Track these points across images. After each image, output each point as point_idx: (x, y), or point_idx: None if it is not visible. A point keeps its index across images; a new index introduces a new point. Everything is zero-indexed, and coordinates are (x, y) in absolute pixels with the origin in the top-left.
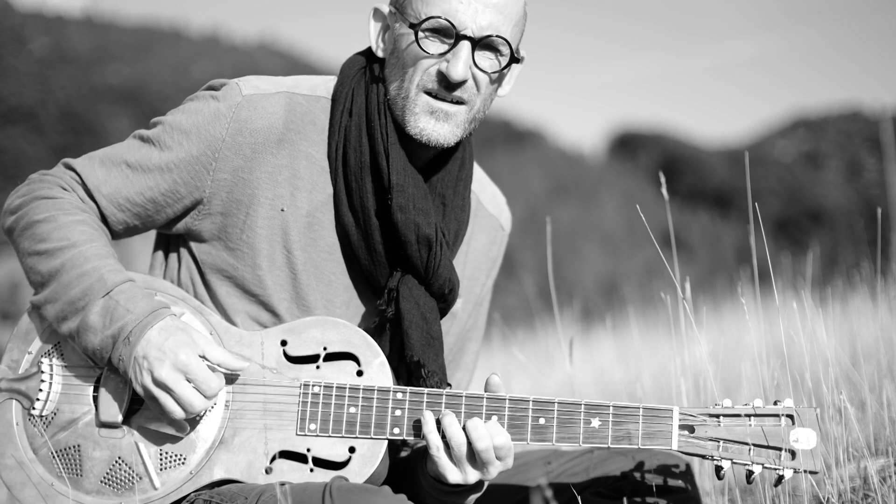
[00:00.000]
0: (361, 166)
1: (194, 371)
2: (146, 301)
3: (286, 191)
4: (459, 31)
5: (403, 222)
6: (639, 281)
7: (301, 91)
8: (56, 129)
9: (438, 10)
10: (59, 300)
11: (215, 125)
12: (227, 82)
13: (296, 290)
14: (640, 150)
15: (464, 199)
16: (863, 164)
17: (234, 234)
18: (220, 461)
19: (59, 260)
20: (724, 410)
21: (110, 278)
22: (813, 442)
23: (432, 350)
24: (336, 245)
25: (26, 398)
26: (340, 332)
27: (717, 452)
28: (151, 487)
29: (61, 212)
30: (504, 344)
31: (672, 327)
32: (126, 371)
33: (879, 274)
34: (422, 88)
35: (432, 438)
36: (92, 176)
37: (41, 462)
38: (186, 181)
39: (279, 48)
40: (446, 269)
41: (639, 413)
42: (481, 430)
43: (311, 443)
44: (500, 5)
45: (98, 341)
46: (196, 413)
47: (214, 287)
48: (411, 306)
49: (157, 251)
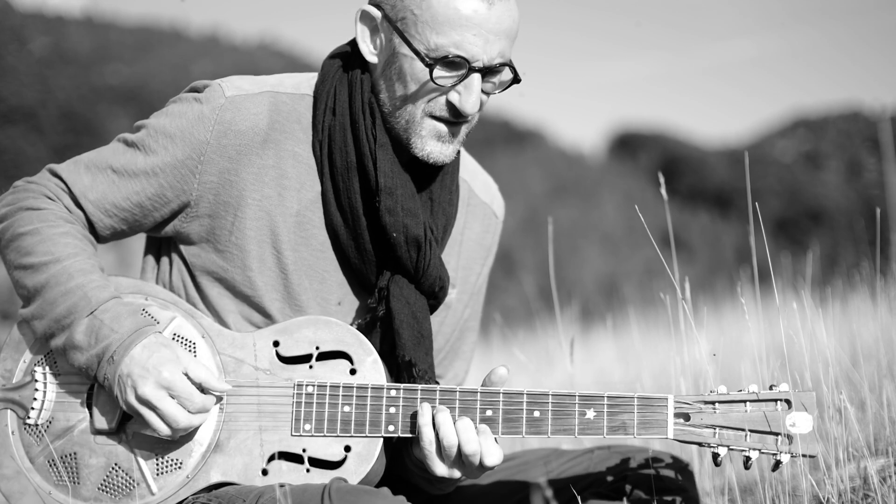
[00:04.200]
0: (348, 167)
1: (178, 387)
2: (131, 319)
3: (273, 191)
4: (472, 63)
5: (392, 224)
6: (639, 281)
7: (285, 90)
8: (56, 129)
9: (450, 42)
10: (45, 317)
11: (199, 128)
12: (209, 84)
13: (287, 291)
14: (640, 150)
15: (451, 193)
16: (863, 164)
17: (223, 235)
18: (217, 464)
19: (44, 275)
20: (719, 397)
21: (94, 296)
22: (810, 426)
23: (422, 348)
24: (328, 242)
25: (21, 407)
26: (333, 331)
27: (714, 440)
28: (149, 493)
29: (45, 224)
30: (504, 344)
31: (672, 327)
32: (111, 388)
33: (879, 274)
34: (428, 114)
35: (426, 432)
36: (78, 183)
37: (38, 471)
38: (173, 185)
39: (279, 48)
40: (436, 267)
41: (633, 402)
42: (471, 434)
43: (307, 443)
44: (508, 31)
45: (84, 359)
46: (181, 429)
47: (206, 289)
48: (402, 305)
49: (147, 255)
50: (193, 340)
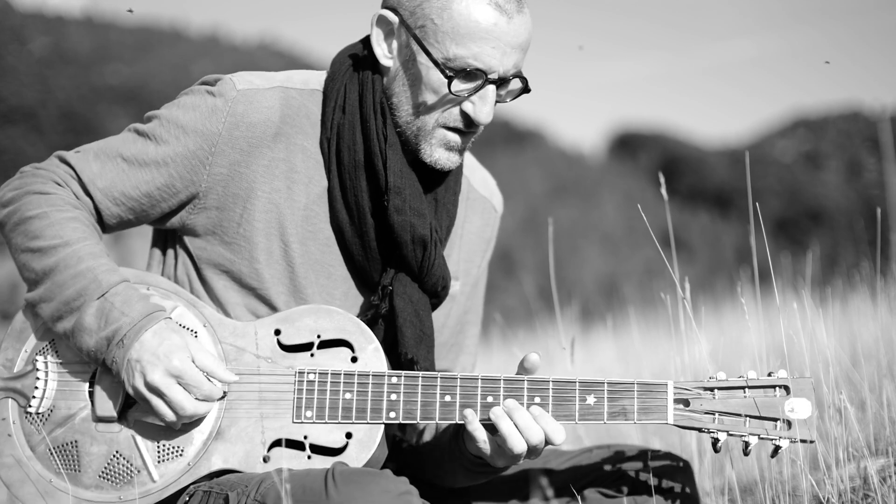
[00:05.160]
0: (355, 165)
1: (188, 376)
2: (142, 304)
3: (283, 184)
4: (488, 75)
5: (400, 224)
6: (639, 281)
7: (294, 85)
8: (56, 129)
9: (469, 53)
10: (53, 299)
11: (212, 120)
12: (221, 77)
13: (293, 283)
14: (640, 150)
15: (455, 195)
16: (863, 165)
17: (231, 228)
18: (218, 451)
19: (53, 258)
20: (718, 383)
21: (105, 279)
22: (808, 411)
23: (424, 346)
24: (333, 238)
25: (22, 396)
26: (334, 320)
27: (713, 425)
28: (150, 480)
29: (54, 208)
30: (504, 344)
31: (672, 327)
32: (119, 373)
33: (879, 274)
34: (441, 124)
35: (479, 435)
36: (87, 170)
37: (39, 459)
38: (182, 175)
39: (279, 48)
40: (440, 267)
41: (633, 388)
42: (530, 422)
43: (308, 430)
44: (524, 44)
45: (93, 342)
46: (187, 416)
47: (211, 282)
48: (405, 303)
49: (153, 248)
50: (195, 329)
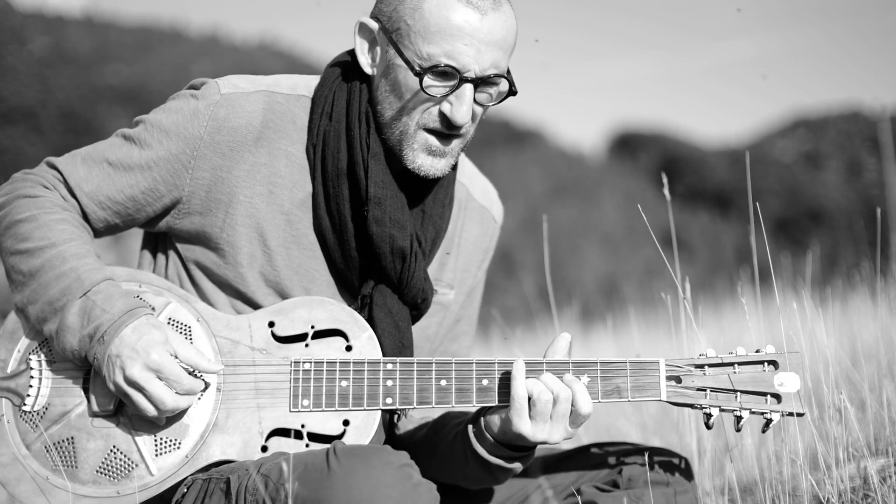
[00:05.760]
0: (338, 173)
1: (166, 370)
2: (123, 300)
3: (265, 188)
4: (463, 73)
5: (378, 235)
6: (639, 281)
7: (281, 90)
8: (56, 129)
9: (440, 51)
10: (38, 301)
11: (193, 123)
12: (207, 81)
13: (278, 288)
14: (641, 150)
15: (443, 207)
16: (863, 165)
17: (215, 233)
18: (216, 443)
19: (39, 260)
20: (708, 360)
21: (87, 278)
22: (797, 385)
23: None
24: (317, 243)
25: (16, 395)
26: (327, 310)
27: (706, 401)
28: (148, 473)
29: (43, 210)
30: (504, 344)
31: (672, 327)
32: (100, 369)
33: (879, 274)
34: (421, 126)
35: (520, 392)
36: (74, 174)
37: (35, 457)
38: (166, 179)
39: (279, 48)
40: (419, 280)
41: (626, 367)
42: (556, 382)
43: (305, 418)
44: (500, 42)
45: (76, 341)
46: (168, 410)
47: (200, 284)
48: (384, 314)
49: (143, 250)
50: (189, 324)
